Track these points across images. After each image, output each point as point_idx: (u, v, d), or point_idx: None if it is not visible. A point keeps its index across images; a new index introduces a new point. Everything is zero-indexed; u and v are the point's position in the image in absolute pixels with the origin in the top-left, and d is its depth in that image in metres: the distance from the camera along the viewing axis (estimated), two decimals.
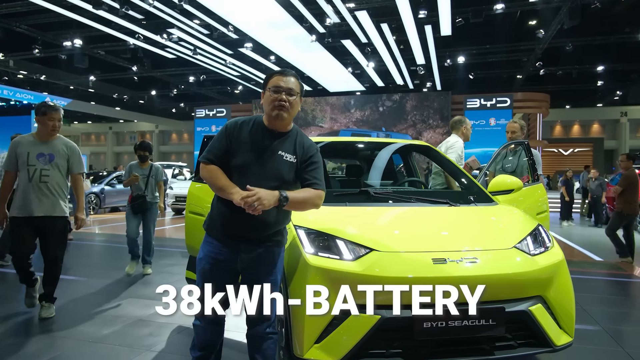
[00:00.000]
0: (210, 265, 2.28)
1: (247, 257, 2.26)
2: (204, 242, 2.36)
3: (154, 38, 15.78)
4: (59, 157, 3.74)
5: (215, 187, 2.23)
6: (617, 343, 3.38)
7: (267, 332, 2.29)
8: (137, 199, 5.43)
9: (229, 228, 2.25)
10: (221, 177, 2.21)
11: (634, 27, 15.85)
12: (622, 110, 28.83)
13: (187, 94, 26.33)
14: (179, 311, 2.25)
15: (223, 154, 2.24)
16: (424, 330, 2.23)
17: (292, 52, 17.54)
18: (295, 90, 2.27)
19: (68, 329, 3.58)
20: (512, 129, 4.88)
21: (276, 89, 2.25)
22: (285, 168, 2.25)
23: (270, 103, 2.25)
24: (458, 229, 2.70)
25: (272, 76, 2.31)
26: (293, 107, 2.27)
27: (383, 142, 4.20)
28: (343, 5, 13.07)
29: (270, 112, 2.26)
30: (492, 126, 19.96)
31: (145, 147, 5.55)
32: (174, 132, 38.31)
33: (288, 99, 2.24)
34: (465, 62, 18.73)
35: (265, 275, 2.27)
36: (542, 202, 3.94)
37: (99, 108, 29.51)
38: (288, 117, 2.27)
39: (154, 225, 5.62)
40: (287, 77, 2.28)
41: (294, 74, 2.32)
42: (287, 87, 2.25)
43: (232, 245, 2.27)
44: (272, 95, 2.25)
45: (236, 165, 2.23)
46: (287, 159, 2.27)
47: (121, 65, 20.09)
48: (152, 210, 5.55)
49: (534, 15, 15.83)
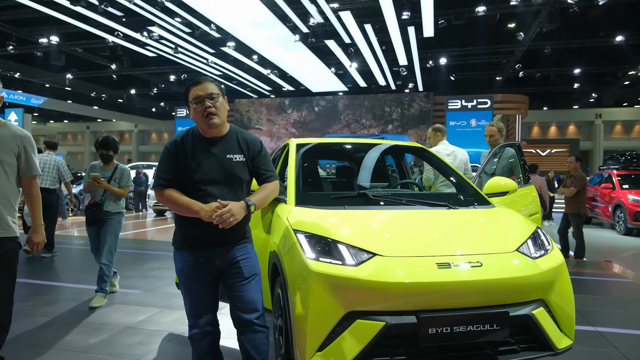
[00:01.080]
0: (192, 273, 2.32)
1: (225, 257, 2.31)
2: (176, 255, 2.40)
3: (134, 36, 15.48)
4: (2, 151, 2.54)
5: (177, 209, 2.25)
6: (611, 344, 3.41)
7: (255, 321, 2.31)
8: (90, 207, 4.40)
9: (199, 240, 2.29)
10: (180, 197, 2.23)
11: (608, 32, 16.27)
12: (596, 112, 29.57)
13: (168, 93, 25.90)
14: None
15: (173, 176, 2.26)
16: (429, 336, 2.19)
17: (275, 52, 17.44)
18: (215, 92, 2.28)
19: (53, 338, 3.43)
20: (490, 133, 4.94)
21: (197, 99, 2.26)
22: (239, 168, 2.32)
23: (198, 115, 2.26)
24: (460, 232, 2.67)
25: (188, 90, 2.31)
26: (220, 109, 2.29)
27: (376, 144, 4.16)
28: (327, 5, 13.04)
29: (203, 124, 2.28)
30: (473, 127, 20.20)
31: (108, 145, 4.47)
32: (153, 131, 37.69)
33: (213, 104, 2.26)
34: (447, 64, 18.92)
35: (245, 269, 2.34)
36: (534, 203, 3.96)
37: (76, 107, 28.80)
38: (221, 121, 2.29)
39: (114, 243, 4.42)
40: (203, 84, 2.29)
41: (208, 79, 2.33)
42: (206, 93, 2.26)
43: (206, 252, 2.31)
44: (196, 107, 2.26)
45: (192, 181, 2.25)
46: (237, 159, 2.32)
47: (100, 64, 19.66)
48: (110, 223, 4.40)
49: (513, 18, 16.11)
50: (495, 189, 3.46)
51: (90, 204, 4.45)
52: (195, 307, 2.32)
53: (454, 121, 20.65)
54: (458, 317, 2.22)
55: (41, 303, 4.34)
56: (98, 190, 4.43)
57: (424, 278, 2.25)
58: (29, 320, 3.81)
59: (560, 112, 30.09)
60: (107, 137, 4.54)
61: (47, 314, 3.94)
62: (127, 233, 10.08)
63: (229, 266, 2.32)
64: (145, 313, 4.02)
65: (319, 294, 2.27)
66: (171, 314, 3.99)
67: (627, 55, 18.36)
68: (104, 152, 4.49)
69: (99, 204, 4.40)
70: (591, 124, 30.12)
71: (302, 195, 3.06)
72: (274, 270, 2.83)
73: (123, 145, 37.75)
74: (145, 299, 4.49)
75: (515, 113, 21.85)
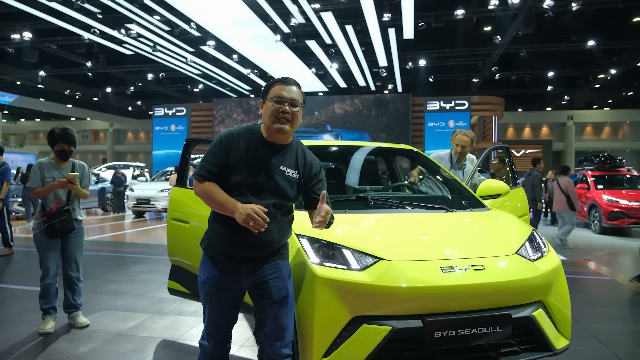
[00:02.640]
0: (215, 289, 2.13)
1: (252, 276, 2.12)
2: (203, 263, 2.21)
3: (111, 33, 15.12)
4: None
5: (213, 204, 2.06)
6: (601, 342, 3.51)
7: (281, 353, 2.12)
8: (57, 215, 3.66)
9: (230, 251, 2.10)
10: (218, 193, 2.03)
11: (580, 36, 16.77)
12: (568, 114, 30.45)
13: (145, 91, 25.45)
14: None
15: (218, 170, 2.07)
16: (435, 339, 2.22)
17: (256, 52, 17.32)
18: (298, 101, 2.12)
19: (40, 347, 3.33)
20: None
21: (279, 100, 2.08)
22: (288, 184, 2.12)
23: (271, 115, 2.09)
24: (461, 236, 2.71)
25: (273, 85, 2.15)
26: (296, 119, 2.12)
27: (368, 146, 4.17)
28: (308, 6, 13.03)
29: (271, 125, 2.09)
30: (452, 128, 20.44)
31: (67, 138, 3.69)
32: (130, 130, 36.95)
33: (291, 110, 2.09)
34: (426, 65, 19.17)
35: (275, 291, 2.12)
36: (523, 205, 4.05)
37: (49, 105, 27.99)
38: (290, 130, 2.11)
39: (82, 254, 3.89)
40: (290, 86, 2.13)
41: (297, 83, 2.17)
42: (290, 97, 2.10)
43: (233, 267, 2.12)
44: (273, 106, 2.08)
45: (234, 182, 2.06)
46: (290, 174, 2.13)
47: (74, 61, 19.14)
48: (78, 234, 3.82)
49: (491, 21, 16.44)
50: (488, 191, 3.52)
51: (54, 211, 3.67)
52: (212, 323, 2.17)
53: (432, 122, 20.91)
54: (463, 320, 2.26)
55: (26, 310, 4.19)
56: (59, 193, 3.73)
57: (429, 282, 2.27)
58: (15, 329, 3.68)
59: (534, 114, 30.88)
60: (66, 128, 3.75)
61: (33, 321, 3.79)
62: (106, 235, 9.85)
63: (257, 285, 2.12)
64: (136, 319, 3.93)
65: (324, 298, 2.27)
66: (163, 320, 3.92)
67: (598, 59, 18.98)
68: (65, 147, 3.71)
69: (68, 211, 3.71)
70: (563, 125, 31.00)
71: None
72: None
73: (98, 144, 36.95)
74: (134, 305, 4.40)
75: (491, 114, 22.27)
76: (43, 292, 3.68)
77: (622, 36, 16.93)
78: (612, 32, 16.64)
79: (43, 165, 3.73)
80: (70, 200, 3.79)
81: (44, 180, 3.67)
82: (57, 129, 3.73)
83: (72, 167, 3.83)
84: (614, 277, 6.08)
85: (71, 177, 3.63)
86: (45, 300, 3.69)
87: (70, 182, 3.62)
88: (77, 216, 3.83)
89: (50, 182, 3.65)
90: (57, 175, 3.70)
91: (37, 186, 3.66)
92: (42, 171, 3.70)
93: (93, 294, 4.77)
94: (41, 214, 3.69)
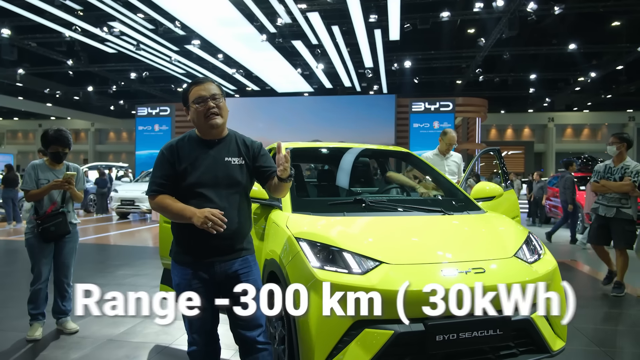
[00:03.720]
0: (191, 289, 2.16)
1: (224, 271, 2.19)
2: (174, 268, 2.26)
3: (93, 31, 14.86)
4: None
5: (170, 215, 2.17)
6: (591, 342, 3.57)
7: (259, 339, 2.21)
8: (52, 217, 3.54)
9: (200, 245, 2.17)
10: (172, 203, 2.14)
11: (561, 39, 17.10)
12: (549, 116, 31.03)
13: (128, 91, 25.05)
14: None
15: (168, 181, 2.18)
16: (436, 343, 2.22)
17: (241, 51, 17.22)
18: (218, 93, 2.23)
19: (30, 354, 3.23)
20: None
21: (200, 99, 2.19)
22: (238, 172, 2.24)
23: (200, 116, 2.19)
24: (460, 239, 2.72)
25: (189, 90, 2.24)
26: (223, 110, 2.23)
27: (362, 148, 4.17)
28: (295, 6, 13.00)
29: (204, 124, 2.21)
30: (436, 129, 20.62)
31: (61, 141, 3.60)
32: (112, 130, 36.34)
33: (217, 104, 2.20)
34: (411, 67, 19.31)
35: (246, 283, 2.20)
36: (515, 207, 4.09)
37: (28, 104, 27.36)
38: (223, 122, 2.23)
39: (75, 259, 3.78)
40: (205, 84, 2.23)
41: (209, 80, 2.28)
42: (210, 93, 2.20)
43: (206, 263, 2.19)
44: (198, 108, 2.19)
45: (188, 186, 2.16)
46: (236, 162, 2.24)
47: (55, 59, 18.75)
48: (73, 239, 3.72)
49: (474, 24, 16.64)
50: (482, 194, 3.54)
51: (49, 213, 3.54)
52: (195, 325, 2.19)
53: (417, 123, 21.06)
54: (464, 323, 2.26)
55: (10, 316, 4.07)
56: (54, 195, 3.63)
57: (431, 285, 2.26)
58: (2, 336, 3.57)
59: (516, 116, 31.38)
60: (60, 130, 3.63)
61: (20, 328, 3.67)
62: (90, 238, 9.66)
63: (229, 280, 2.20)
64: (126, 324, 3.85)
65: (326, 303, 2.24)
66: (154, 325, 3.84)
67: (578, 62, 19.40)
68: (59, 149, 3.61)
69: (63, 213, 3.59)
70: (544, 127, 31.57)
71: (297, 202, 3.02)
72: (271, 278, 2.79)
73: (78, 144, 36.20)
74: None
75: (475, 116, 22.55)
76: (32, 297, 3.57)
77: (601, 40, 17.33)
78: (592, 36, 17.02)
79: (37, 167, 3.62)
80: (65, 203, 3.67)
81: (38, 182, 3.56)
82: (50, 131, 3.63)
83: (67, 169, 3.72)
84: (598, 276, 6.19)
85: (68, 176, 3.51)
86: (34, 306, 3.57)
87: (68, 182, 3.51)
88: (71, 219, 3.71)
89: (45, 184, 3.54)
90: (52, 177, 3.59)
91: (31, 188, 3.53)
92: (36, 173, 3.58)
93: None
94: (34, 217, 3.55)
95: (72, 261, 3.74)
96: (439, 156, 5.00)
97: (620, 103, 27.58)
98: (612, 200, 4.98)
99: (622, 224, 4.90)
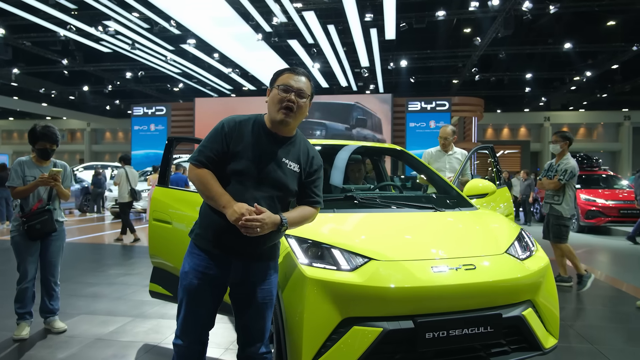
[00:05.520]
0: (199, 280, 2.01)
1: (240, 272, 2.03)
2: (190, 253, 2.09)
3: (88, 30, 14.77)
4: None
5: (205, 195, 1.98)
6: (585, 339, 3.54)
7: (260, 352, 2.08)
8: (38, 215, 3.46)
9: (222, 240, 2.00)
10: (213, 185, 1.96)
11: (556, 39, 17.11)
12: (545, 116, 31.05)
13: (123, 90, 24.95)
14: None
15: (217, 157, 1.98)
16: (426, 340, 2.19)
17: (237, 50, 17.15)
18: (306, 92, 2.05)
19: (16, 353, 3.18)
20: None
21: (285, 88, 2.02)
22: (290, 177, 2.05)
23: (276, 103, 2.02)
24: (451, 235, 2.69)
25: (282, 73, 2.08)
26: (301, 110, 2.05)
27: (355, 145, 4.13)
28: (290, 5, 12.96)
29: (275, 114, 2.02)
30: (432, 128, 20.64)
31: (49, 137, 3.55)
32: (108, 130, 36.18)
33: (297, 100, 2.02)
34: (407, 66, 19.30)
35: (260, 292, 2.05)
36: (509, 204, 4.07)
37: (23, 104, 27.20)
38: (293, 123, 2.05)
39: (61, 258, 3.71)
40: (299, 76, 2.06)
41: (306, 74, 2.11)
42: (297, 87, 2.03)
43: (223, 258, 2.02)
44: (280, 94, 2.01)
45: (234, 171, 1.98)
46: (292, 167, 2.06)
47: (50, 58, 18.62)
48: (60, 237, 3.66)
49: (470, 23, 16.64)
50: (474, 191, 3.52)
51: (35, 211, 3.47)
52: (189, 318, 2.04)
53: (413, 123, 21.03)
54: (454, 320, 2.23)
55: None
56: (40, 193, 3.56)
57: (420, 282, 2.24)
58: None
59: (512, 115, 31.39)
60: (48, 126, 3.59)
61: (6, 327, 3.63)
62: (84, 237, 9.60)
63: (243, 284, 2.05)
64: (116, 323, 3.81)
65: (314, 300, 2.21)
66: (144, 324, 3.80)
67: (574, 61, 19.41)
68: (47, 145, 3.55)
69: (49, 211, 3.51)
70: (540, 126, 31.59)
71: None
72: None
73: (74, 144, 36.07)
74: (114, 308, 4.26)
75: (471, 115, 22.53)
76: (19, 296, 3.52)
77: (597, 39, 17.34)
78: (588, 35, 17.03)
79: (23, 164, 3.56)
80: (51, 200, 3.60)
81: (24, 179, 3.50)
82: (38, 127, 3.57)
83: (54, 166, 3.65)
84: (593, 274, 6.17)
85: (54, 173, 3.46)
86: (20, 305, 3.52)
87: (54, 179, 3.45)
88: (58, 217, 3.64)
89: (32, 181, 3.49)
90: (39, 174, 3.52)
91: (17, 185, 3.47)
92: (22, 170, 3.52)
93: (70, 297, 4.60)
94: (20, 214, 3.49)
95: (58, 260, 3.67)
96: (441, 152, 4.95)
97: (615, 102, 27.63)
98: (547, 197, 5.32)
99: (552, 219, 5.25)
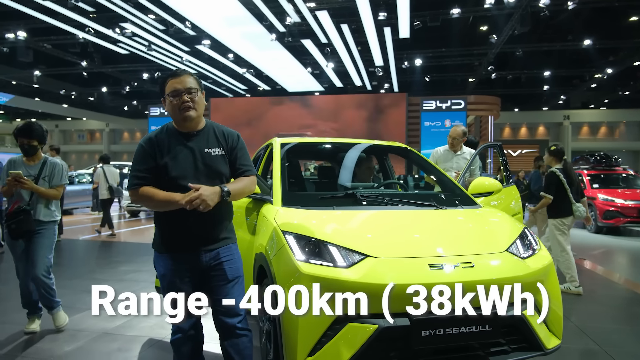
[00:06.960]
0: (175, 278, 2.22)
1: (208, 259, 2.25)
2: (159, 259, 2.29)
3: (105, 32, 15.04)
4: None
5: (156, 204, 2.18)
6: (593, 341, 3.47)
7: (238, 325, 2.25)
8: (15, 215, 3.42)
9: (183, 238, 2.22)
10: (159, 192, 2.15)
11: (576, 35, 16.75)
12: (564, 114, 30.44)
13: (140, 91, 25.31)
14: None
15: (150, 174, 2.18)
16: (422, 338, 2.17)
17: (251, 51, 17.25)
18: (194, 87, 2.23)
19: (24, 346, 3.26)
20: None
21: (175, 93, 2.20)
22: (218, 162, 2.26)
23: (175, 109, 2.21)
24: (450, 233, 2.66)
25: (165, 82, 2.25)
26: (198, 104, 2.24)
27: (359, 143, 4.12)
28: (304, 5, 12.99)
29: (178, 117, 2.22)
30: (448, 127, 20.41)
31: (31, 132, 3.47)
32: (125, 130, 36.79)
33: (191, 98, 2.21)
34: (421, 65, 19.14)
35: (231, 273, 2.27)
36: (517, 203, 4.01)
37: (44, 105, 27.83)
38: (197, 115, 2.23)
39: (49, 259, 3.55)
40: (181, 77, 2.23)
41: (187, 72, 2.27)
42: (185, 87, 2.21)
43: (191, 253, 2.24)
44: (173, 100, 2.20)
45: (171, 178, 2.18)
46: (217, 153, 2.27)
47: (69, 60, 19.03)
48: (44, 235, 3.53)
49: (486, 21, 16.41)
50: (480, 189, 3.47)
51: (12, 211, 3.43)
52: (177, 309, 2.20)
53: (428, 122, 20.84)
54: (451, 318, 2.20)
55: (11, 309, 4.10)
56: (21, 192, 3.47)
57: (417, 280, 2.22)
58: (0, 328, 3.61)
59: (530, 114, 30.86)
60: (30, 122, 3.54)
61: (19, 320, 3.72)
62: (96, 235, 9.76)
63: (212, 268, 2.25)
64: (122, 318, 3.86)
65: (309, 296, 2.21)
66: (150, 319, 3.85)
67: (594, 58, 18.96)
68: (25, 141, 3.46)
69: (25, 211, 3.44)
70: (559, 125, 30.99)
71: (288, 196, 3.00)
72: (260, 272, 2.77)
73: (94, 144, 36.78)
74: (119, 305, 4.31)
75: (487, 114, 22.21)
76: (20, 291, 3.60)
77: (617, 35, 16.91)
78: (608, 31, 16.63)
79: (12, 163, 3.56)
80: (32, 201, 3.52)
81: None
82: (20, 124, 3.56)
83: (43, 164, 3.59)
84: (609, 276, 6.05)
85: (14, 175, 3.36)
86: (24, 300, 3.59)
87: (15, 180, 3.35)
88: (39, 217, 3.52)
89: None
90: (25, 172, 3.48)
91: (3, 184, 3.47)
92: (9, 168, 3.51)
93: (81, 293, 4.70)
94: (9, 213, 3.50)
95: (41, 257, 3.51)
96: (449, 152, 4.97)
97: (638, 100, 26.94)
98: None
99: None
